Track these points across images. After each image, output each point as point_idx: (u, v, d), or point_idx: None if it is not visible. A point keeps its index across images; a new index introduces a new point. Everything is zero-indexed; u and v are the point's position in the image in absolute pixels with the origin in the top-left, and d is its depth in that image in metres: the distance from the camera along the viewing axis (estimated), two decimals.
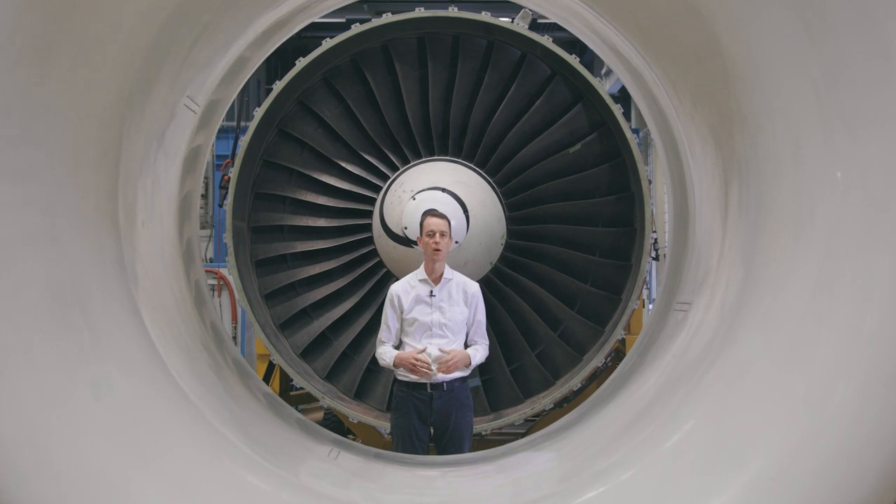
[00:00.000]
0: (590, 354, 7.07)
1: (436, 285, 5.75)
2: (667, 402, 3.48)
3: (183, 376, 3.55)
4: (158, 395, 3.28)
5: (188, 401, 3.46)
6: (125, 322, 3.27)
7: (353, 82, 7.30)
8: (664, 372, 3.78)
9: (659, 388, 3.74)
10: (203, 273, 5.59)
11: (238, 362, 5.33)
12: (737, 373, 3.12)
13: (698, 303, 3.77)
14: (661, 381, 3.78)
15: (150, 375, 3.30)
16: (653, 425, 3.40)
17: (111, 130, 3.27)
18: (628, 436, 3.57)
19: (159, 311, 3.73)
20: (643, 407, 3.72)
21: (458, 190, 6.89)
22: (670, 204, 4.90)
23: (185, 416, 3.37)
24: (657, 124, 4.84)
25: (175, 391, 3.41)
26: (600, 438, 3.93)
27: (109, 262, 3.25)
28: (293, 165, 7.26)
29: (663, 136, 4.76)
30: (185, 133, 4.44)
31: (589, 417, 4.55)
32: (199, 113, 4.39)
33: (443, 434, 5.72)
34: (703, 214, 4.01)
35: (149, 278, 3.70)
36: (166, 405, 3.30)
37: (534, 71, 7.24)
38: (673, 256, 4.66)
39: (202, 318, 4.75)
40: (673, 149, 4.50)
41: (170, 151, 4.15)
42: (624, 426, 3.77)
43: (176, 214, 4.72)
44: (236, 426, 3.81)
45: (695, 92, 3.75)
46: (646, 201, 6.90)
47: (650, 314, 5.03)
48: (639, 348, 4.88)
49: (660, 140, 4.90)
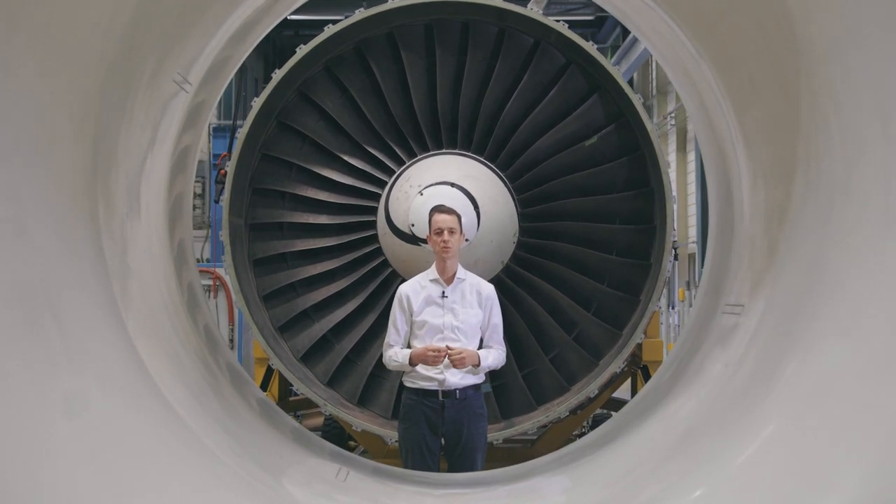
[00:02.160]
0: (607, 359, 6.64)
1: (448, 286, 5.29)
2: (725, 419, 3.02)
3: (171, 388, 3.08)
4: (142, 411, 2.81)
5: (177, 417, 2.99)
6: (105, 328, 2.79)
7: (357, 71, 6.86)
8: (717, 383, 3.32)
9: (712, 401, 3.28)
10: (197, 276, 5.14)
11: (233, 368, 4.87)
12: (815, 387, 2.66)
13: (754, 306, 3.31)
14: (713, 393, 3.31)
15: (133, 389, 2.82)
16: (712, 445, 2.94)
17: (89, 107, 2.80)
18: (681, 457, 3.10)
19: (145, 314, 3.26)
20: (694, 424, 3.25)
21: (468, 185, 6.45)
22: (713, 199, 4.44)
23: (172, 436, 2.90)
24: (699, 117, 4.37)
25: (161, 407, 2.93)
26: (644, 460, 3.46)
27: (87, 258, 2.76)
28: (293, 159, 6.81)
29: (705, 130, 4.29)
30: (174, 119, 3.96)
31: (624, 435, 4.07)
32: (190, 93, 3.91)
33: (455, 446, 5.25)
34: (753, 209, 3.56)
35: (134, 278, 3.23)
36: (151, 423, 2.82)
37: (548, 59, 6.80)
38: (716, 255, 4.19)
39: (195, 323, 4.28)
40: (716, 142, 4.03)
41: (157, 137, 3.67)
42: (673, 445, 3.30)
43: (165, 214, 4.25)
44: (231, 445, 3.34)
45: (752, 77, 3.30)
46: (667, 197, 6.45)
47: (690, 319, 4.56)
48: (678, 356, 4.40)
49: (703, 134, 4.42)
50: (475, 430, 5.25)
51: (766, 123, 3.33)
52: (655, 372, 7.69)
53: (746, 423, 2.85)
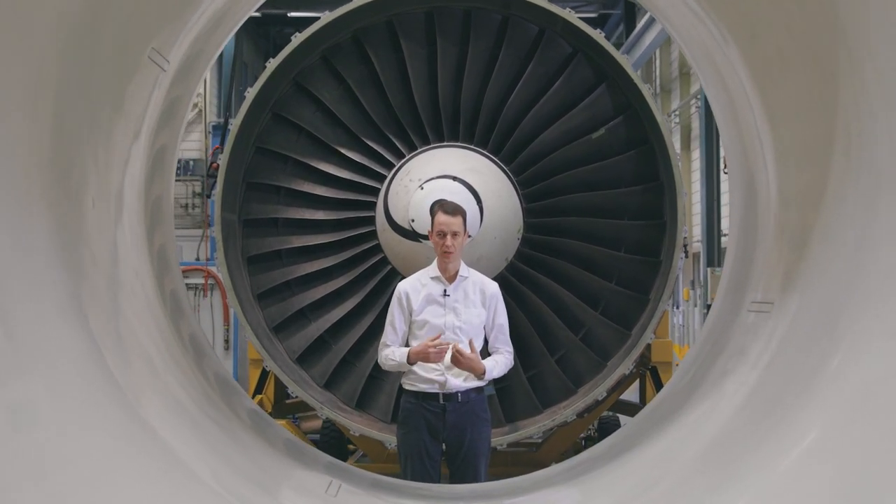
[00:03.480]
0: (615, 360, 6.32)
1: (450, 284, 4.95)
2: (758, 427, 2.68)
3: (145, 402, 2.75)
4: (105, 425, 2.47)
5: (148, 433, 2.65)
6: (61, 329, 2.46)
7: (355, 61, 6.56)
8: (746, 388, 2.98)
9: (741, 408, 2.94)
10: (181, 283, 4.81)
11: (221, 378, 4.53)
12: (862, 392, 2.33)
13: (786, 303, 2.97)
14: (741, 399, 2.98)
15: (95, 400, 2.49)
16: (744, 456, 2.60)
17: (46, 71, 2.46)
18: (708, 470, 2.77)
19: (117, 322, 2.93)
20: (722, 433, 2.92)
21: (471, 178, 6.14)
22: (735, 188, 4.10)
23: (140, 453, 2.56)
24: (721, 100, 4.02)
25: (130, 421, 2.59)
26: (666, 473, 3.12)
27: (40, 248, 2.43)
28: (288, 152, 6.51)
29: (727, 113, 3.94)
30: (150, 111, 3.62)
31: (640, 445, 3.72)
32: (169, 72, 3.57)
33: (457, 452, 4.91)
34: (782, 195, 3.22)
35: (101, 274, 2.90)
36: (115, 439, 2.49)
37: (553, 48, 6.48)
38: (738, 249, 3.85)
39: (179, 333, 3.94)
40: (738, 126, 3.69)
41: (131, 117, 3.33)
42: (698, 457, 2.97)
43: (143, 217, 3.91)
44: (211, 461, 3.00)
45: (781, 49, 2.97)
46: (678, 191, 6.12)
47: (709, 319, 4.22)
48: (697, 359, 4.06)
49: (725, 118, 4.07)
50: (478, 436, 4.91)
51: (797, 101, 3.00)
52: (671, 376, 7.38)
53: (783, 431, 2.52)
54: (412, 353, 4.79)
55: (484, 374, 4.87)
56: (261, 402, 7.49)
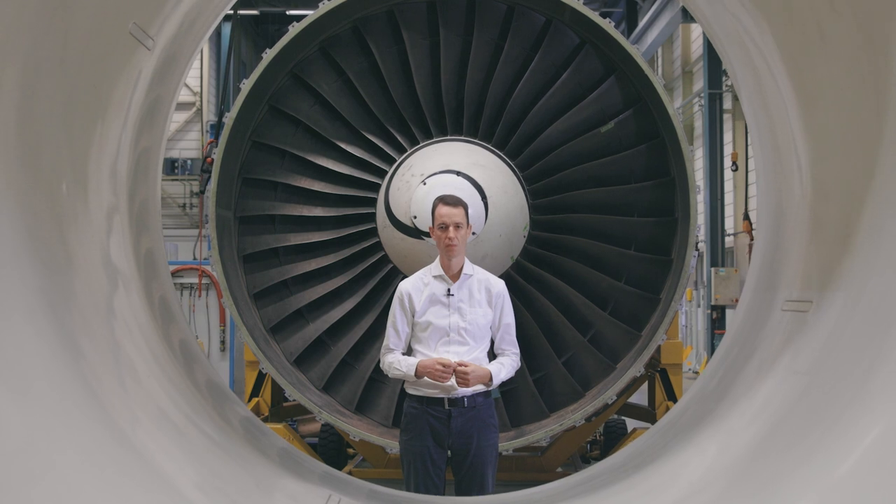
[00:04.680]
0: (625, 362, 6.07)
1: (454, 282, 4.68)
2: (806, 435, 2.42)
3: (119, 406, 2.49)
4: (76, 435, 2.21)
5: (123, 441, 2.39)
6: (27, 329, 2.20)
7: (355, 52, 6.33)
8: (788, 393, 2.71)
9: (785, 415, 2.67)
10: (171, 288, 4.55)
11: (213, 385, 4.27)
12: None
13: (829, 300, 2.70)
14: (783, 405, 2.71)
15: (65, 409, 2.22)
16: (793, 466, 2.34)
17: (11, 42, 2.19)
18: (752, 482, 2.50)
19: (92, 319, 2.66)
20: (763, 443, 2.66)
21: (475, 173, 5.89)
22: (764, 180, 3.84)
23: (113, 466, 2.30)
24: (749, 85, 3.76)
25: (103, 428, 2.34)
26: (701, 487, 2.85)
27: (2, 234, 2.15)
28: (286, 147, 6.28)
29: (755, 99, 3.68)
30: (137, 86, 3.36)
31: (666, 456, 3.44)
32: (154, 53, 3.30)
33: (463, 459, 4.64)
34: (819, 186, 2.96)
35: (76, 273, 2.63)
36: (88, 450, 2.23)
37: (560, 39, 6.23)
38: (768, 245, 3.59)
39: (168, 339, 3.68)
40: (768, 113, 3.43)
41: (112, 101, 3.07)
42: (737, 468, 2.71)
43: (127, 218, 3.66)
44: (196, 476, 2.75)
45: (821, 25, 2.71)
46: (690, 187, 5.88)
47: (736, 320, 3.96)
48: (724, 363, 3.78)
49: (753, 105, 3.80)
50: (485, 443, 4.64)
51: (838, 84, 2.74)
52: (681, 378, 7.13)
53: (835, 440, 2.27)
54: (420, 368, 4.53)
55: (491, 380, 4.62)
56: (257, 405, 7.25)
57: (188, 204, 24.56)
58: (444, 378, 4.49)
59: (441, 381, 4.50)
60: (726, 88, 20.94)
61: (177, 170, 25.72)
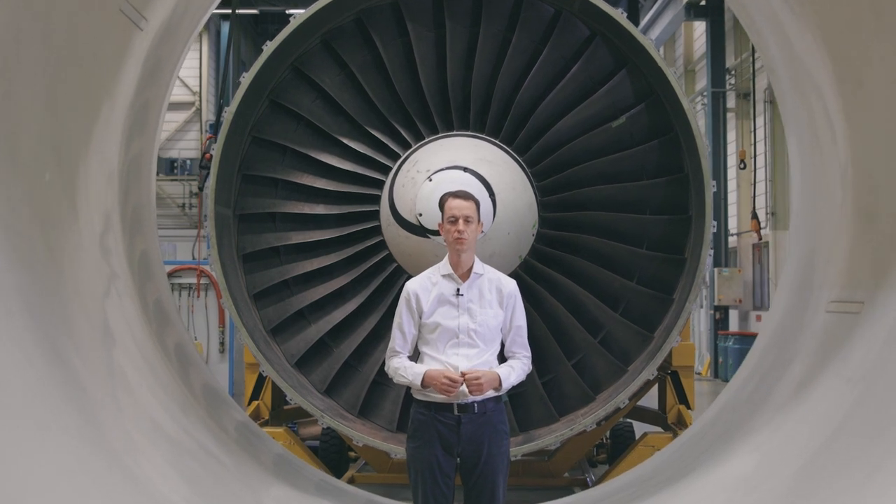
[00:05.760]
0: (637, 364, 5.88)
1: (463, 282, 4.47)
2: (872, 448, 2.21)
3: (106, 415, 2.28)
4: (56, 446, 2.00)
5: (107, 451, 2.19)
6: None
7: (358, 45, 6.15)
8: (840, 401, 2.50)
9: (840, 424, 2.46)
10: (166, 290, 4.36)
11: (209, 389, 4.08)
12: None
13: (882, 301, 2.49)
14: (837, 415, 2.50)
15: (45, 420, 2.02)
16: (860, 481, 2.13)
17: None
18: (816, 496, 2.28)
19: (79, 323, 2.45)
20: (816, 456, 2.44)
21: (483, 170, 5.69)
22: (802, 175, 3.63)
23: (95, 476, 2.10)
24: (786, 71, 3.54)
25: (85, 438, 2.13)
26: (752, 498, 2.63)
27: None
28: (287, 142, 6.10)
29: (793, 87, 3.46)
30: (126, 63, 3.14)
31: (700, 470, 3.22)
32: (148, 35, 3.10)
33: (473, 468, 4.42)
34: (863, 180, 2.75)
35: (59, 273, 2.42)
36: (68, 460, 2.02)
37: (570, 31, 6.04)
38: (806, 243, 3.37)
39: (163, 343, 3.48)
40: (807, 112, 3.21)
41: (103, 88, 2.85)
42: (787, 484, 2.50)
43: (120, 221, 3.46)
44: (183, 489, 2.54)
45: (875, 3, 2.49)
46: (705, 183, 5.68)
47: (771, 322, 3.74)
48: (759, 369, 3.57)
49: (791, 94, 3.58)
50: (496, 450, 4.42)
51: (889, 61, 2.52)
52: (693, 381, 6.92)
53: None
54: (427, 378, 4.32)
55: (500, 385, 4.40)
56: (258, 408, 7.05)
57: (187, 204, 24.41)
58: (450, 392, 4.29)
59: (448, 394, 4.29)
60: (729, 87, 20.75)
61: (176, 170, 25.55)
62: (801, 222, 3.62)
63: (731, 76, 21.14)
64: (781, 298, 3.77)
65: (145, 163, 4.31)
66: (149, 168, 4.46)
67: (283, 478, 3.75)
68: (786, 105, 3.75)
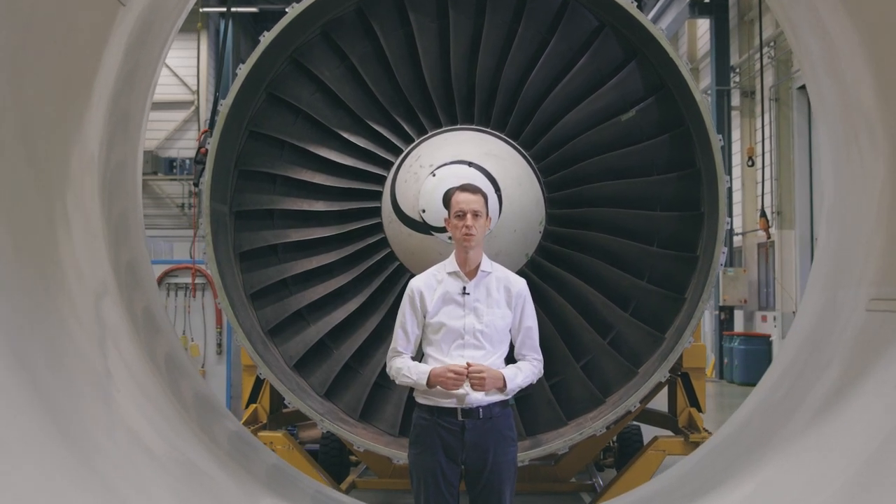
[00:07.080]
0: (647, 366, 5.69)
1: (470, 280, 4.27)
2: None
3: (84, 429, 2.09)
4: (33, 462, 1.81)
5: (87, 468, 2.00)
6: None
7: (359, 36, 5.96)
8: (879, 396, 2.30)
9: (889, 434, 2.26)
10: (155, 298, 4.19)
11: (201, 398, 3.89)
12: None
13: None
14: (885, 425, 2.30)
15: (18, 435, 1.82)
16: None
17: None
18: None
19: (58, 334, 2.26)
20: (867, 469, 2.25)
21: (488, 164, 5.50)
22: (827, 171, 3.43)
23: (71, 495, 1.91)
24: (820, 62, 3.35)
25: (64, 454, 1.94)
26: None
27: None
28: (285, 136, 5.92)
29: (826, 79, 3.26)
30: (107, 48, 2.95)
31: (734, 478, 3.02)
32: (130, 16, 2.91)
33: (478, 475, 4.22)
34: None
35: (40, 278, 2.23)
36: (44, 478, 1.83)
37: (578, 22, 5.85)
38: (837, 236, 3.18)
39: (152, 352, 3.29)
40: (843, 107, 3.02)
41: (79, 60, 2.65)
42: (846, 491, 2.30)
43: (104, 228, 3.28)
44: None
45: None
46: (718, 178, 5.48)
47: (800, 322, 3.54)
48: (790, 371, 3.36)
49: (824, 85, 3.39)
50: (503, 458, 4.22)
51: None
52: (704, 383, 6.72)
53: None
54: (433, 376, 4.12)
55: (505, 386, 4.20)
56: (255, 411, 6.86)
57: (186, 204, 24.25)
58: (457, 385, 4.09)
59: (454, 389, 4.09)
60: (734, 85, 20.56)
61: (175, 169, 25.38)
62: (832, 217, 3.42)
63: (735, 74, 20.95)
64: (811, 298, 3.56)
65: (129, 173, 4.13)
66: (133, 179, 4.28)
67: (276, 490, 3.56)
68: (820, 95, 3.55)
